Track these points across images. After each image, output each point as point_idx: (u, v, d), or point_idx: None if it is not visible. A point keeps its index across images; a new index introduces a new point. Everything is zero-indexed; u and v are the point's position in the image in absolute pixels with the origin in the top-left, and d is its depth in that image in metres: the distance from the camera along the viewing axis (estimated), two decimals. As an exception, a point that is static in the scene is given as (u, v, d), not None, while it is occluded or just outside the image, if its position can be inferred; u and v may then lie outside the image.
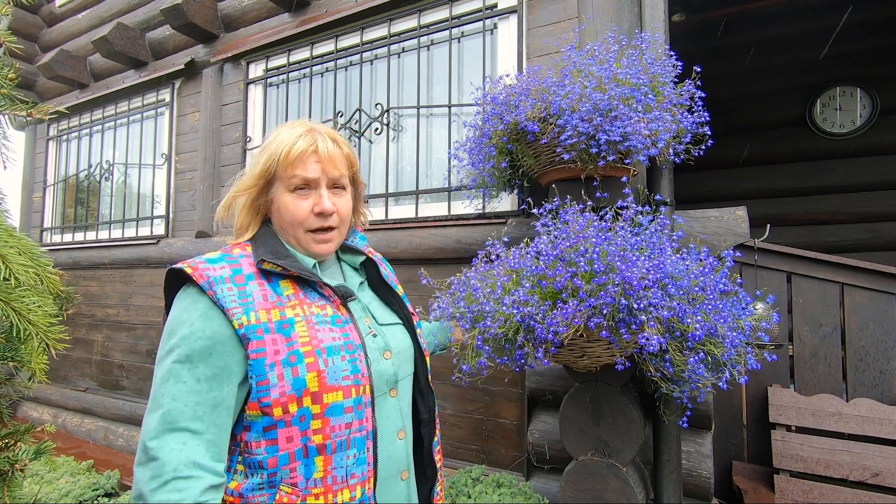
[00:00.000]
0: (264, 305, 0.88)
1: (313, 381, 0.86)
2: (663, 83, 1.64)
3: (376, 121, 2.85)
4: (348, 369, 0.90)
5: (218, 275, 0.87)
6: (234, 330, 0.85)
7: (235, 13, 3.42)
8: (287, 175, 0.96)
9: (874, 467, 1.87)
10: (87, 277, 4.19)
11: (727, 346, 1.29)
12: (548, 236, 1.40)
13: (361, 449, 0.91)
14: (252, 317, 0.86)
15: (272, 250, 0.95)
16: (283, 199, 0.97)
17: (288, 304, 0.91)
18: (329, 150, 0.98)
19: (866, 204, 4.17)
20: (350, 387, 0.90)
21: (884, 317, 2.04)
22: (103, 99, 4.17)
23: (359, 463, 0.90)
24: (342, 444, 0.88)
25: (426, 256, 2.51)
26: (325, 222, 0.98)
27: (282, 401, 0.84)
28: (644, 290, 1.20)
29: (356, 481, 0.90)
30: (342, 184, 1.02)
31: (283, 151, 0.95)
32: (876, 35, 4.00)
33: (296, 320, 0.89)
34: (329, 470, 0.87)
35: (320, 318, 0.93)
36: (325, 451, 0.87)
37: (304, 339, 0.88)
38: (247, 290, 0.88)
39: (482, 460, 2.38)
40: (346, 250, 1.13)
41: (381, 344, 1.00)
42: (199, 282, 0.86)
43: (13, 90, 0.93)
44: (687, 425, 1.51)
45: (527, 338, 1.32)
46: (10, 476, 0.96)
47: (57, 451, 3.52)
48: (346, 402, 0.89)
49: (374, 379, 0.95)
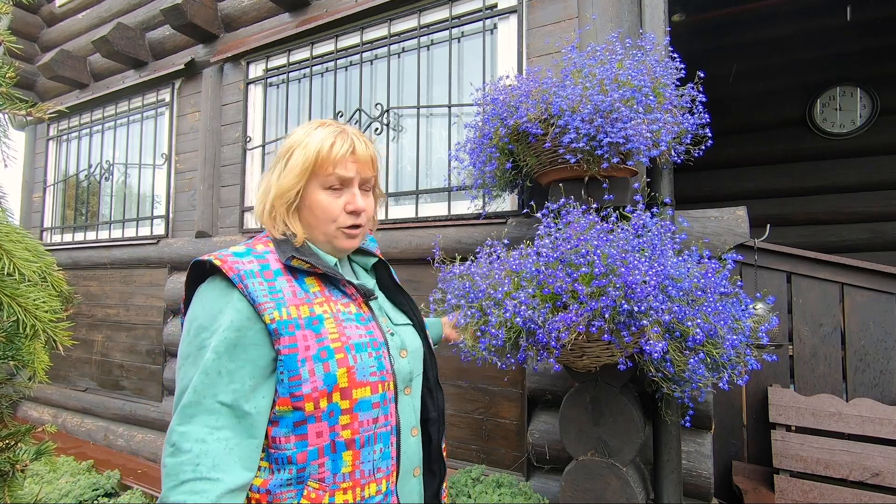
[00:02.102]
0: (294, 301, 0.89)
1: (343, 376, 0.88)
2: (665, 85, 1.64)
3: (376, 121, 2.85)
4: (375, 366, 0.92)
5: (248, 269, 0.88)
6: (265, 325, 0.85)
7: (235, 13, 3.42)
8: (325, 173, 0.97)
9: (874, 467, 1.88)
10: (87, 277, 4.19)
11: (727, 347, 1.29)
12: (549, 238, 1.40)
13: (386, 444, 0.93)
14: (283, 312, 0.86)
15: (297, 249, 0.96)
16: (317, 197, 0.98)
17: (316, 301, 0.92)
18: (364, 153, 1.01)
19: (866, 204, 4.17)
20: (377, 383, 0.92)
21: (884, 317, 2.04)
22: (103, 99, 4.17)
23: (384, 457, 0.92)
24: (370, 439, 0.90)
25: (426, 256, 2.51)
26: (356, 220, 1.01)
27: (314, 396, 0.85)
28: (645, 294, 1.20)
29: (382, 475, 0.92)
30: (371, 185, 1.06)
31: (324, 150, 0.96)
32: (876, 35, 4.00)
33: (325, 317, 0.91)
34: (357, 464, 0.89)
35: (346, 315, 0.95)
36: (354, 446, 0.89)
37: (333, 336, 0.90)
38: (276, 285, 0.89)
39: (482, 460, 2.38)
40: (357, 252, 1.14)
41: (398, 342, 1.03)
42: (230, 274, 0.85)
43: (11, 89, 0.92)
44: (690, 424, 1.52)
45: (529, 342, 1.32)
46: (10, 476, 0.96)
47: (57, 452, 3.52)
48: (373, 398, 0.91)
49: (396, 375, 0.98)
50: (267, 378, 0.86)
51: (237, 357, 0.83)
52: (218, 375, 0.82)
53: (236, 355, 0.83)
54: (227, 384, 0.82)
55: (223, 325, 0.84)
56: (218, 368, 0.82)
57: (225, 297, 0.86)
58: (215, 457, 0.79)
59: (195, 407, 0.81)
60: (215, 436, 0.81)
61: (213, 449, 0.80)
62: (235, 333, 0.84)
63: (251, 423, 0.84)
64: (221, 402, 0.82)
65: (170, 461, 0.79)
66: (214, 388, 0.82)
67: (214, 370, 0.82)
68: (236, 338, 0.84)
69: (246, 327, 0.84)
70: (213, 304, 0.86)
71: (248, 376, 0.84)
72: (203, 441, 0.79)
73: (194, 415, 0.81)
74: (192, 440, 0.79)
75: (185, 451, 0.78)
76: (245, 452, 0.84)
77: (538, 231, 1.48)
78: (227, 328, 0.83)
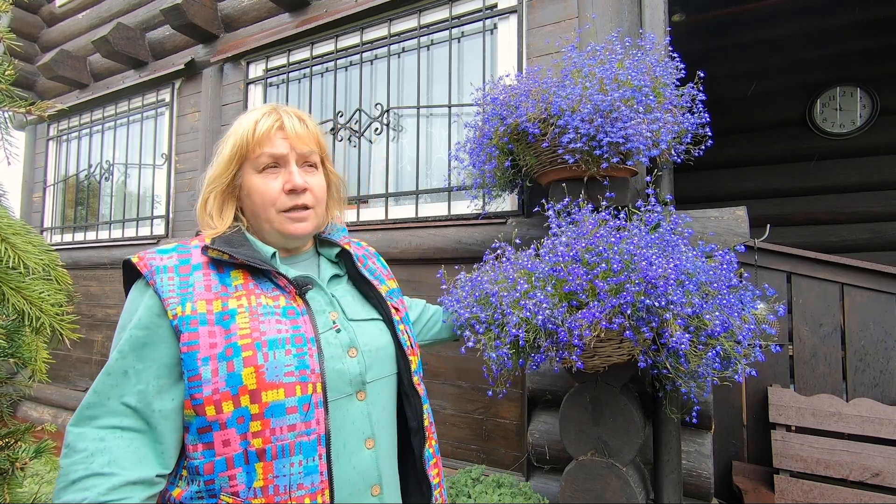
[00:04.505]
0: (205, 296, 0.82)
1: (250, 376, 0.78)
2: (665, 84, 1.64)
3: (376, 121, 2.85)
4: (293, 364, 0.82)
5: (162, 264, 0.83)
6: (169, 321, 0.80)
7: (235, 13, 3.42)
8: (254, 155, 0.92)
9: (874, 467, 1.87)
10: (87, 277, 4.18)
11: (741, 339, 1.30)
12: (565, 236, 1.39)
13: (310, 455, 0.81)
14: (188, 307, 0.80)
15: (226, 239, 0.90)
16: (252, 181, 0.93)
17: (233, 295, 0.84)
18: (296, 127, 0.94)
19: (866, 204, 4.17)
20: (294, 384, 0.81)
21: (884, 317, 2.04)
22: (103, 99, 4.17)
23: (307, 472, 0.80)
24: (284, 450, 0.79)
25: (426, 256, 2.51)
26: (297, 200, 0.93)
27: (214, 398, 0.77)
28: (665, 289, 1.20)
29: (304, 492, 0.80)
30: (313, 161, 0.98)
31: (248, 131, 0.92)
32: (876, 35, 4.00)
33: (238, 311, 0.83)
34: (270, 479, 0.78)
35: (269, 308, 0.85)
36: (265, 457, 0.78)
37: (244, 332, 0.81)
38: (190, 279, 0.83)
39: (482, 460, 2.38)
40: (324, 243, 1.08)
41: (346, 340, 0.91)
42: (143, 271, 0.82)
43: (10, 86, 0.92)
44: (697, 421, 1.52)
45: (551, 342, 1.29)
46: (10, 475, 0.96)
47: (57, 451, 3.51)
48: (288, 402, 0.80)
49: (330, 377, 0.86)
50: (178, 380, 0.80)
51: (145, 356, 0.79)
52: (123, 376, 0.78)
53: (144, 354, 0.79)
54: (133, 385, 0.78)
55: (132, 323, 0.80)
56: (123, 368, 0.78)
57: (141, 296, 0.83)
58: (112, 454, 0.74)
59: (96, 408, 0.77)
60: (117, 435, 0.76)
61: (111, 447, 0.75)
62: (143, 332, 0.79)
63: (156, 428, 0.78)
64: (126, 404, 0.77)
65: (63, 462, 0.74)
66: (120, 388, 0.77)
67: (119, 370, 0.78)
68: (144, 336, 0.79)
69: (155, 324, 0.80)
70: (131, 303, 0.83)
71: (153, 376, 0.79)
72: (101, 440, 0.75)
73: (95, 416, 0.76)
74: (87, 440, 0.75)
75: (79, 450, 0.74)
76: (152, 457, 0.78)
77: (551, 230, 1.48)
78: (134, 326, 0.80)
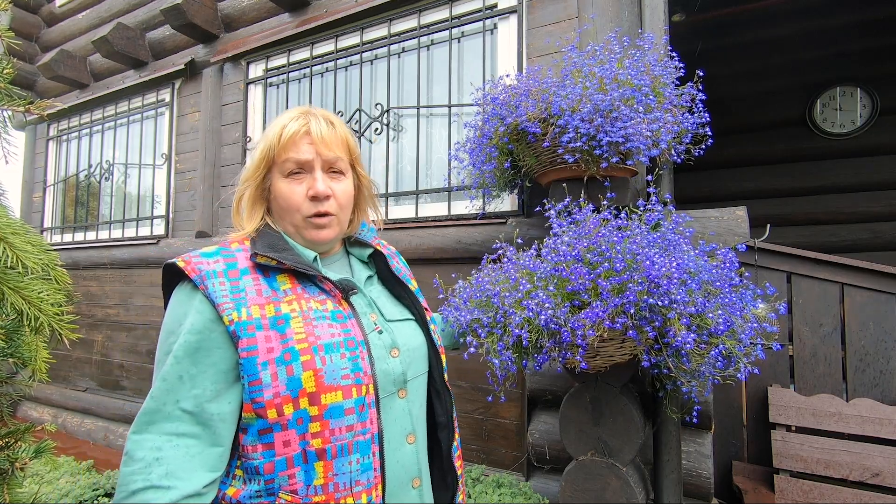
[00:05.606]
0: (258, 301, 0.83)
1: (309, 380, 0.81)
2: (665, 84, 1.64)
3: (376, 121, 2.85)
4: (348, 367, 0.85)
5: (211, 269, 0.84)
6: (225, 327, 0.80)
7: (235, 13, 3.42)
8: (280, 160, 0.93)
9: (874, 467, 1.87)
10: (87, 277, 4.18)
11: (743, 338, 1.30)
12: (567, 236, 1.39)
13: (366, 453, 0.85)
14: (244, 313, 0.81)
15: (269, 243, 0.90)
16: (279, 185, 0.93)
17: (284, 300, 0.86)
18: (322, 132, 0.93)
19: (866, 204, 4.17)
20: (350, 386, 0.84)
21: (884, 317, 2.04)
22: (103, 99, 4.17)
23: (364, 469, 0.84)
24: (343, 449, 0.82)
25: (426, 256, 2.51)
26: (320, 207, 0.93)
27: (276, 402, 0.79)
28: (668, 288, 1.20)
29: (361, 489, 0.83)
30: (339, 167, 0.97)
31: (275, 135, 0.92)
32: (876, 35, 4.00)
33: (291, 316, 0.84)
34: (330, 476, 0.81)
35: (319, 313, 0.87)
36: (325, 457, 0.81)
37: (300, 336, 0.83)
38: (240, 284, 0.84)
39: (482, 460, 2.38)
40: (354, 244, 1.09)
41: (388, 341, 0.94)
42: (192, 276, 0.82)
43: (9, 84, 0.92)
44: (698, 421, 1.52)
45: (553, 342, 1.29)
46: (10, 475, 0.96)
47: (57, 451, 3.52)
48: (346, 404, 0.83)
49: (379, 378, 0.89)
50: (233, 383, 0.82)
51: (199, 361, 0.80)
52: (179, 381, 0.79)
53: (198, 359, 0.80)
54: (189, 389, 0.79)
55: (185, 328, 0.80)
56: (178, 373, 0.79)
57: (189, 300, 0.82)
58: (170, 464, 0.76)
59: (153, 414, 0.78)
60: (174, 443, 0.77)
61: (168, 456, 0.76)
62: (196, 336, 0.80)
63: (215, 431, 0.80)
64: (183, 409, 0.78)
65: (123, 470, 0.76)
66: (175, 393, 0.78)
67: (174, 375, 0.79)
68: (197, 341, 0.80)
69: (209, 329, 0.81)
70: (178, 307, 0.83)
71: (209, 381, 0.80)
72: (158, 449, 0.76)
73: (152, 422, 0.78)
74: (145, 448, 0.76)
75: (138, 459, 0.75)
76: (209, 461, 0.79)
77: (552, 230, 1.47)
78: (188, 331, 0.80)
